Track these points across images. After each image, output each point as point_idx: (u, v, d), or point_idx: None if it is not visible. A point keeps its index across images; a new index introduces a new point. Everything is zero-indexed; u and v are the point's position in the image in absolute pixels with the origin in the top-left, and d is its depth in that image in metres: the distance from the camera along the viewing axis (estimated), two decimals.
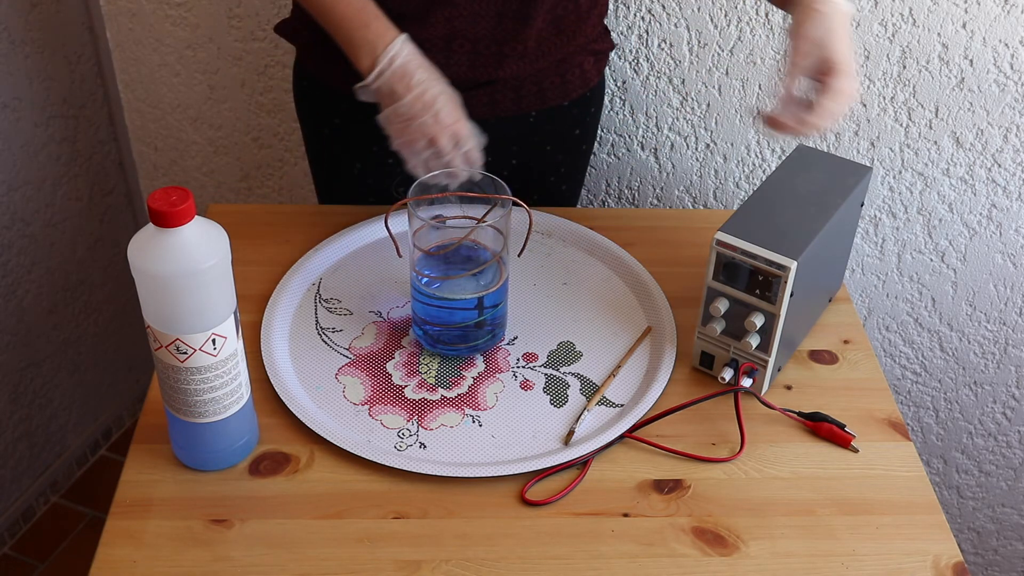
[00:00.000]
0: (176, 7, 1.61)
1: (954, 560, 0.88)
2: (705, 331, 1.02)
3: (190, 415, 0.88)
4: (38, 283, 1.74)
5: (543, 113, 1.25)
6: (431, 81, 1.04)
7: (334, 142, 1.27)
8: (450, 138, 1.04)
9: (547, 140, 1.29)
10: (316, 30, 1.14)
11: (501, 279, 1.03)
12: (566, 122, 1.29)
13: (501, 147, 1.28)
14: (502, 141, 1.27)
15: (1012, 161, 1.49)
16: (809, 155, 1.10)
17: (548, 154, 1.30)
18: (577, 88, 1.26)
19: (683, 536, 0.89)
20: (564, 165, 1.34)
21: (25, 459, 1.83)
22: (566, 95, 1.26)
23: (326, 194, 1.35)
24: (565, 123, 1.29)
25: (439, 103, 1.03)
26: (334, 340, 1.07)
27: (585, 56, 1.24)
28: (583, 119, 1.31)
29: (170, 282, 0.80)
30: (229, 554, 0.86)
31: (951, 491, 1.84)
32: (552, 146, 1.30)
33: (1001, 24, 1.38)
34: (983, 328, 1.65)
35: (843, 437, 0.98)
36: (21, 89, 1.61)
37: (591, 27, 1.23)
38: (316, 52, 1.20)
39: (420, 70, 1.04)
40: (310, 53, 1.23)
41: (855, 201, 1.06)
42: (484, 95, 1.21)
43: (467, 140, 1.06)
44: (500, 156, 1.28)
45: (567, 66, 1.23)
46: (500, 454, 0.95)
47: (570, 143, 1.32)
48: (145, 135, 1.78)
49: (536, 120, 1.26)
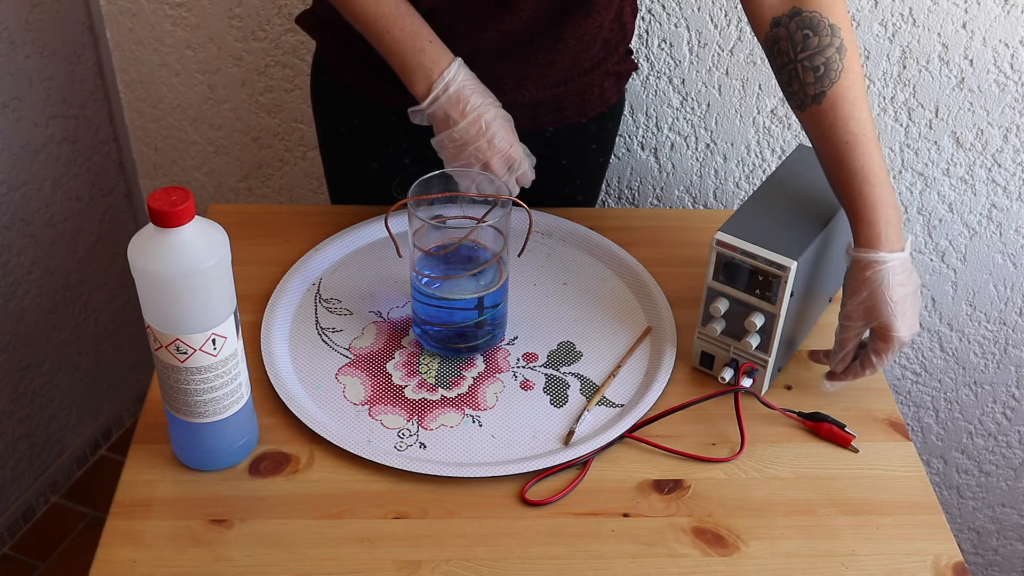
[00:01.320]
0: (176, 7, 1.61)
1: (954, 560, 0.88)
2: (705, 331, 1.02)
3: (190, 415, 0.88)
4: (38, 283, 1.74)
5: (560, 129, 1.24)
6: (485, 106, 1.04)
7: (352, 141, 1.25)
8: (504, 162, 1.05)
9: (563, 155, 1.27)
10: (339, 27, 1.11)
11: (501, 279, 1.03)
12: (583, 137, 1.28)
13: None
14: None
15: (1012, 161, 1.49)
16: (809, 155, 1.09)
17: (564, 168, 1.29)
18: (596, 107, 1.25)
19: (683, 536, 0.89)
20: (580, 178, 1.33)
21: (25, 459, 1.83)
22: (584, 114, 1.24)
23: (340, 193, 1.33)
24: (582, 138, 1.28)
25: (493, 128, 1.04)
26: (334, 340, 1.07)
27: (607, 77, 1.23)
28: (600, 134, 1.29)
29: (170, 282, 0.80)
30: (229, 554, 0.86)
31: (951, 491, 1.84)
32: (568, 160, 1.29)
33: (1001, 24, 1.38)
34: (983, 328, 1.65)
35: (843, 437, 0.98)
36: (21, 89, 1.61)
37: (618, 57, 1.22)
38: (338, 49, 1.19)
39: (475, 95, 1.04)
40: (331, 49, 1.20)
41: None
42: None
43: (520, 164, 1.07)
44: None
45: (588, 87, 1.22)
46: (500, 454, 0.95)
47: (586, 157, 1.31)
48: (145, 135, 1.78)
49: (553, 135, 1.24)
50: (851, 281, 0.97)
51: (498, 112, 1.05)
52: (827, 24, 0.97)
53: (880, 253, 0.95)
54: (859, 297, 0.96)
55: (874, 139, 0.97)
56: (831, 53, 0.96)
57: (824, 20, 0.97)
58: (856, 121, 0.97)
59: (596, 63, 1.19)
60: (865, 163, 0.96)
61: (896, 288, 0.95)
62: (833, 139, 0.97)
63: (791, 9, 0.98)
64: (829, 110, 0.97)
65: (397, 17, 1.04)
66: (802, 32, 0.97)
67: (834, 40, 0.97)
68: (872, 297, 0.95)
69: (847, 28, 0.98)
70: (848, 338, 0.99)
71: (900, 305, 0.95)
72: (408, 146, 1.23)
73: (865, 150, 0.96)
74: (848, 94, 0.97)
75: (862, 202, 0.96)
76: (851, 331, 0.98)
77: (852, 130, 0.96)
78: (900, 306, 0.95)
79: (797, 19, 0.98)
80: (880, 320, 0.96)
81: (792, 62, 0.98)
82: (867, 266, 0.95)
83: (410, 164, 1.24)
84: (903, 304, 0.96)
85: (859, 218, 0.96)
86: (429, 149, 1.18)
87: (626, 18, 1.19)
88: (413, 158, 1.22)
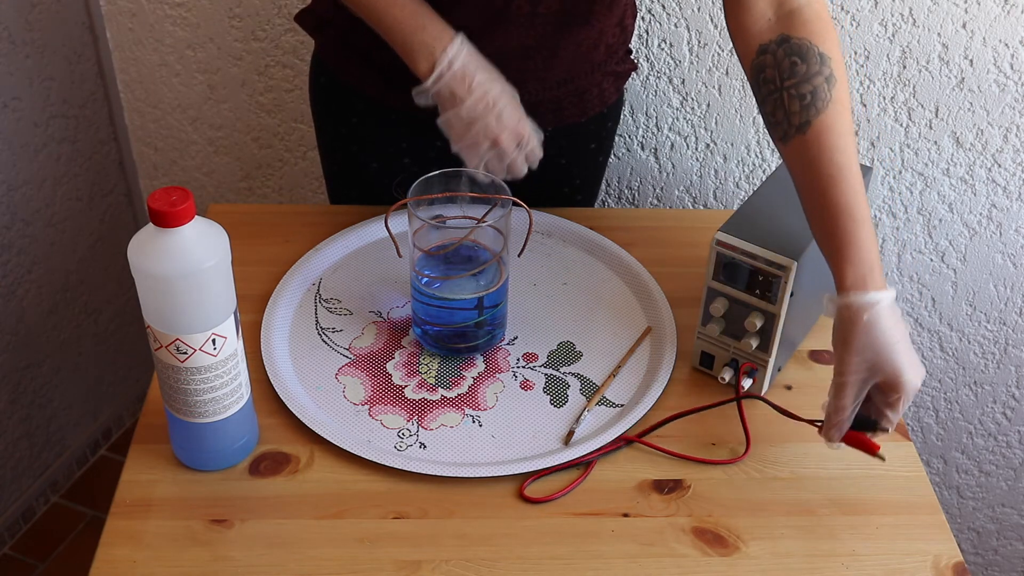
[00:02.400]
0: (176, 7, 1.61)
1: (954, 560, 0.88)
2: (705, 331, 1.02)
3: (190, 415, 0.88)
4: (38, 283, 1.74)
5: (559, 129, 1.23)
6: (491, 82, 1.02)
7: (351, 141, 1.25)
8: (513, 138, 1.04)
9: (562, 154, 1.26)
10: (339, 25, 1.11)
11: (501, 279, 1.03)
12: (582, 137, 1.27)
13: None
14: None
15: (1012, 161, 1.49)
16: None
17: (563, 167, 1.29)
18: (595, 107, 1.24)
19: (683, 536, 0.89)
20: (579, 177, 1.32)
21: (25, 459, 1.83)
22: (584, 113, 1.24)
23: (340, 193, 1.33)
24: (581, 138, 1.27)
25: (501, 103, 1.02)
26: (334, 340, 1.07)
27: (606, 77, 1.23)
28: (599, 133, 1.29)
29: (170, 282, 0.80)
30: (229, 554, 0.86)
31: (951, 491, 1.84)
32: (567, 160, 1.28)
33: (1001, 24, 1.38)
34: (983, 328, 1.65)
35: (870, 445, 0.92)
36: (21, 89, 1.61)
37: (618, 58, 1.22)
38: (337, 48, 1.18)
39: (480, 71, 1.02)
40: (331, 48, 1.20)
41: None
42: None
43: (529, 139, 1.05)
44: None
45: (587, 87, 1.21)
46: (500, 454, 0.95)
47: (586, 157, 1.31)
48: (145, 135, 1.78)
49: (552, 135, 1.23)
50: (843, 333, 0.87)
51: (504, 87, 1.04)
52: (816, 52, 0.92)
53: (871, 293, 0.86)
54: (855, 347, 0.86)
55: (859, 176, 0.90)
56: (819, 82, 0.91)
57: (814, 48, 0.92)
58: (842, 154, 0.90)
59: (596, 65, 1.19)
60: (850, 199, 0.88)
61: (896, 329, 0.86)
62: (817, 172, 0.90)
63: (779, 36, 0.94)
64: (814, 141, 0.90)
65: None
66: (790, 59, 0.92)
67: (823, 69, 0.92)
68: (873, 346, 0.86)
69: (838, 60, 0.93)
70: (846, 403, 0.88)
71: (903, 345, 0.87)
72: (407, 146, 1.23)
73: (850, 185, 0.89)
74: (835, 125, 0.90)
75: (846, 240, 0.88)
76: (850, 390, 0.88)
77: (838, 163, 0.89)
78: (904, 346, 0.87)
79: (785, 46, 0.93)
80: (886, 370, 0.86)
81: (778, 90, 0.92)
82: (860, 310, 0.86)
83: (409, 163, 1.24)
84: (906, 345, 0.87)
85: (843, 257, 0.87)
86: (430, 149, 1.18)
87: (627, 22, 1.19)
88: (412, 157, 1.21)
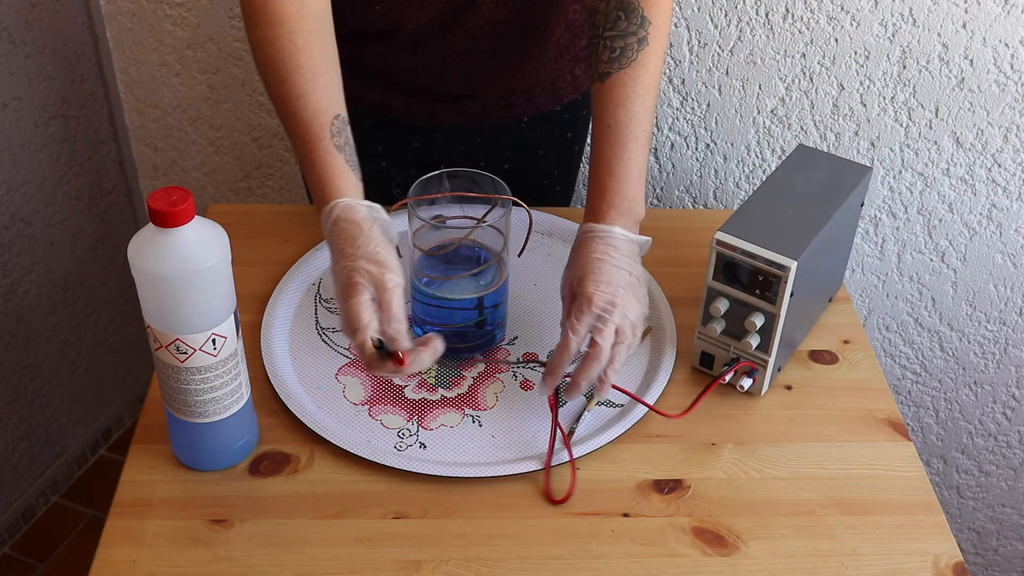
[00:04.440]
0: (176, 7, 1.61)
1: (954, 560, 0.88)
2: (705, 331, 1.02)
3: (190, 415, 0.88)
4: (38, 283, 1.74)
5: (535, 118, 1.26)
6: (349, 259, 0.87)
7: None
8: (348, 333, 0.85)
9: (539, 144, 1.29)
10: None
11: (501, 279, 1.03)
12: (558, 126, 1.29)
13: (493, 152, 1.28)
14: (494, 146, 1.27)
15: (1012, 161, 1.49)
16: (809, 155, 1.10)
17: (540, 158, 1.31)
18: (568, 94, 1.26)
19: (683, 536, 0.89)
20: (557, 168, 1.34)
21: (25, 459, 1.83)
22: (557, 102, 1.26)
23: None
24: (557, 127, 1.29)
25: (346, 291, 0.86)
26: (334, 340, 1.07)
27: (577, 63, 1.24)
28: (575, 122, 1.31)
29: (170, 282, 0.80)
30: (229, 554, 0.86)
31: (951, 491, 1.84)
32: (544, 150, 1.30)
33: (1001, 24, 1.38)
34: (983, 328, 1.65)
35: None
36: (21, 89, 1.61)
37: (585, 41, 1.23)
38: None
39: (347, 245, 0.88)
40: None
41: (855, 201, 1.06)
42: (476, 104, 1.22)
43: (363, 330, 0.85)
44: (493, 160, 1.28)
45: (559, 74, 1.24)
46: (500, 454, 0.95)
47: (562, 146, 1.32)
48: (145, 135, 1.78)
49: (528, 125, 1.26)
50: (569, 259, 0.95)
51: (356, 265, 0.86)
52: (640, 14, 0.97)
53: (603, 226, 0.93)
54: (568, 263, 0.93)
55: (636, 137, 0.95)
56: (632, 41, 0.96)
57: (639, 10, 0.97)
58: (625, 111, 0.95)
59: (564, 48, 1.21)
60: (617, 153, 0.94)
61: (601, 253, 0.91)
62: (598, 120, 0.97)
63: None
64: (607, 91, 0.96)
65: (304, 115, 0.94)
66: (615, 12, 0.98)
67: (639, 31, 0.97)
68: (579, 261, 0.92)
69: (659, 27, 0.98)
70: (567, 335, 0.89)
71: (608, 266, 0.90)
72: (383, 149, 1.25)
73: (619, 139, 0.95)
74: (629, 83, 0.96)
75: (595, 187, 0.95)
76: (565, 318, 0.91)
77: (616, 116, 0.95)
78: (608, 267, 0.90)
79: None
80: (575, 280, 0.91)
81: (597, 36, 0.98)
82: (584, 234, 0.93)
83: (387, 167, 1.25)
84: (611, 266, 0.91)
85: (589, 200, 0.95)
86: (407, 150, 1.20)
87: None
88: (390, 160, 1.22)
